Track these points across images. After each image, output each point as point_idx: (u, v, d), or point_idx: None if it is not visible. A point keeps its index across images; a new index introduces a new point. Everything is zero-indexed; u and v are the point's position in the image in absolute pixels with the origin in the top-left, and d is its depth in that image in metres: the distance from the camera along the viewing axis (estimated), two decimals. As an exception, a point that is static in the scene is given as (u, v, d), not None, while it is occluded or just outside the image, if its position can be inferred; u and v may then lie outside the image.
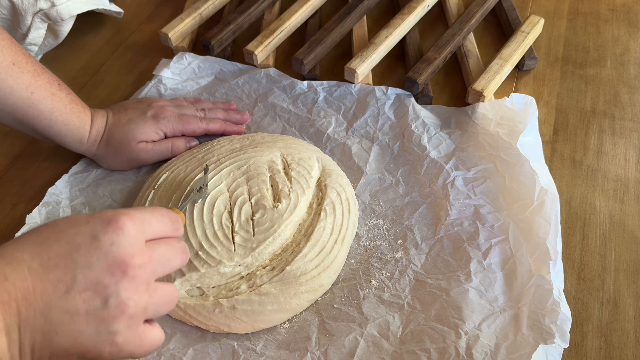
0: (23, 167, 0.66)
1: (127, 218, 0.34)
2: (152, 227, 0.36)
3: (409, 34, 0.76)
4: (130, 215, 0.35)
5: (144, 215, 0.36)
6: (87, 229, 0.33)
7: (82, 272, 0.32)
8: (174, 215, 0.39)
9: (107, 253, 0.33)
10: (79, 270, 0.32)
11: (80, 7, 0.77)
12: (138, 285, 0.34)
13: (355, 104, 0.69)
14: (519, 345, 0.47)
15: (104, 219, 0.34)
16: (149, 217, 0.36)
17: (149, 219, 0.36)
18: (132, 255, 0.34)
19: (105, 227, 0.33)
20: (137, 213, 0.35)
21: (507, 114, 0.63)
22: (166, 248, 0.37)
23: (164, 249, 0.36)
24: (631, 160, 0.63)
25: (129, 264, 0.33)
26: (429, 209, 0.58)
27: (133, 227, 0.34)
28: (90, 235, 0.33)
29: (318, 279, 0.52)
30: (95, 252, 0.33)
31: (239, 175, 0.57)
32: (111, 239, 0.33)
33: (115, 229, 0.33)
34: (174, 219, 0.38)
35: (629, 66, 0.73)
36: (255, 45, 0.73)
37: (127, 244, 0.34)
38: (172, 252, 0.37)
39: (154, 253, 0.35)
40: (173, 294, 0.37)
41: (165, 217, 0.38)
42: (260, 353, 0.49)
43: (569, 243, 0.56)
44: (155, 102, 0.65)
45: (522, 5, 0.83)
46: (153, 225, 0.36)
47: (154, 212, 0.37)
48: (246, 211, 0.54)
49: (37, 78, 0.56)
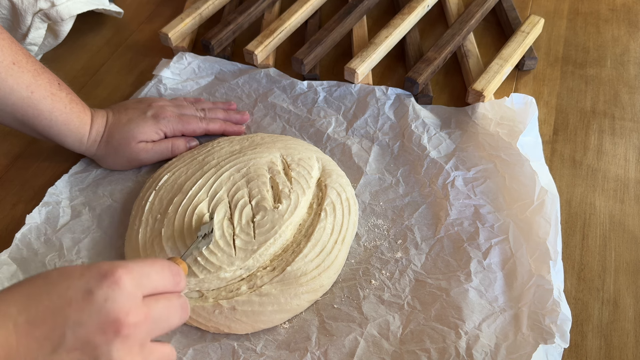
0: (23, 167, 0.66)
1: (124, 271, 0.32)
2: (151, 282, 0.34)
3: (409, 34, 0.76)
4: (128, 269, 0.33)
5: (142, 268, 0.34)
6: (81, 282, 0.31)
7: (71, 330, 0.30)
8: (175, 268, 0.36)
9: (100, 309, 0.31)
10: (69, 327, 0.30)
11: (80, 7, 0.77)
12: (132, 345, 0.32)
13: (355, 104, 0.69)
14: (519, 345, 0.47)
15: (100, 272, 0.32)
16: (148, 270, 0.34)
17: (147, 273, 0.34)
18: (127, 312, 0.31)
19: (100, 281, 0.31)
20: (135, 266, 0.33)
21: (507, 114, 0.63)
22: (165, 305, 0.34)
23: (162, 306, 0.34)
24: (631, 160, 0.63)
25: (123, 323, 0.31)
26: (429, 209, 0.58)
27: (130, 282, 0.32)
28: (83, 290, 0.31)
29: (318, 279, 0.52)
30: (87, 307, 0.31)
31: (239, 178, 0.57)
32: (106, 294, 0.31)
33: (111, 283, 0.31)
34: (175, 272, 0.36)
35: (629, 66, 0.73)
36: (255, 45, 0.73)
37: (123, 300, 0.31)
38: (171, 309, 0.35)
39: (151, 311, 0.33)
40: (170, 356, 0.35)
41: (166, 271, 0.36)
42: (260, 353, 0.49)
43: (569, 243, 0.56)
44: (155, 102, 0.65)
45: (522, 5, 0.83)
46: (152, 279, 0.34)
47: (154, 265, 0.35)
48: (247, 214, 0.54)
49: (37, 78, 0.56)
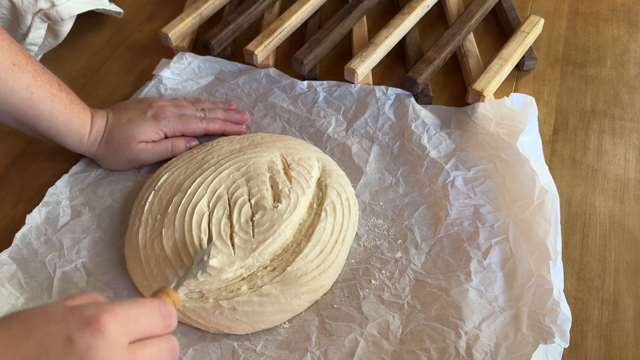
0: (23, 167, 0.66)
1: (110, 317, 0.30)
2: (139, 327, 0.32)
3: (409, 34, 0.76)
4: (114, 314, 0.30)
5: (130, 312, 0.32)
6: (62, 328, 0.29)
7: None
8: (165, 310, 0.34)
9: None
10: None
11: (80, 7, 0.77)
12: None
13: (355, 104, 0.69)
14: (519, 345, 0.47)
15: (83, 318, 0.30)
16: (136, 314, 0.32)
17: (135, 317, 0.32)
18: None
19: (83, 329, 0.29)
20: (122, 310, 0.31)
21: (507, 114, 0.63)
22: (152, 352, 0.32)
23: (149, 353, 0.32)
24: (631, 160, 0.63)
25: None
26: (429, 208, 0.58)
27: (115, 329, 0.30)
28: (64, 337, 0.29)
29: (319, 279, 0.52)
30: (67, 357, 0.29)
31: (238, 177, 0.57)
32: (88, 342, 0.29)
33: (94, 330, 0.29)
34: (165, 315, 0.34)
35: (629, 66, 0.73)
36: (255, 45, 0.73)
37: (107, 350, 0.29)
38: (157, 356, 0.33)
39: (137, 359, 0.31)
40: None
41: (156, 313, 0.34)
42: (260, 353, 0.49)
43: (569, 243, 0.56)
44: (155, 102, 0.65)
45: (522, 5, 0.83)
46: (140, 323, 0.32)
47: (142, 308, 0.33)
48: (246, 212, 0.54)
49: (37, 78, 0.56)
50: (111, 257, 0.56)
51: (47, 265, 0.55)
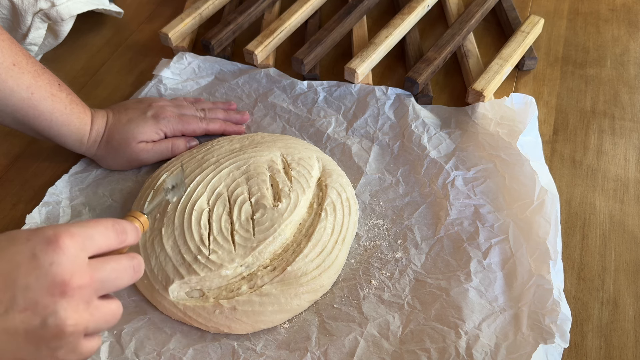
0: (23, 167, 0.66)
1: (67, 236, 0.34)
2: (95, 243, 0.35)
3: (409, 34, 0.76)
4: (71, 233, 0.34)
5: (86, 231, 0.35)
6: (27, 247, 0.33)
7: (21, 292, 0.32)
8: (119, 227, 0.37)
9: (46, 273, 0.33)
10: (18, 290, 0.32)
11: (80, 7, 0.77)
12: (77, 304, 0.34)
13: (355, 104, 0.69)
14: (519, 345, 0.47)
15: (45, 238, 0.33)
16: (91, 232, 0.35)
17: (91, 235, 0.35)
18: (71, 275, 0.33)
19: (45, 247, 0.33)
20: (78, 229, 0.35)
21: (507, 114, 0.63)
22: (112, 267, 0.36)
23: (109, 268, 0.36)
24: (631, 160, 0.63)
25: (68, 284, 0.33)
26: (429, 208, 0.58)
27: (73, 246, 0.34)
28: (30, 254, 0.33)
29: (319, 279, 0.52)
30: (34, 272, 0.32)
31: (238, 175, 0.58)
32: (51, 258, 0.33)
33: (55, 248, 0.33)
34: (119, 231, 0.37)
35: (629, 66, 0.73)
36: (255, 45, 0.73)
37: (67, 264, 0.33)
38: (119, 271, 0.36)
39: (96, 272, 0.35)
40: (115, 311, 0.37)
41: (110, 231, 0.37)
42: (260, 353, 0.49)
43: (569, 243, 0.56)
44: (155, 102, 0.65)
45: (522, 5, 0.83)
46: (96, 240, 0.36)
47: (97, 227, 0.36)
48: (246, 210, 0.54)
49: (37, 79, 0.56)
50: (111, 257, 0.56)
51: (47, 265, 0.55)
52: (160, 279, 0.51)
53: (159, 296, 0.51)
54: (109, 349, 0.49)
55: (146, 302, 0.53)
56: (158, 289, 0.51)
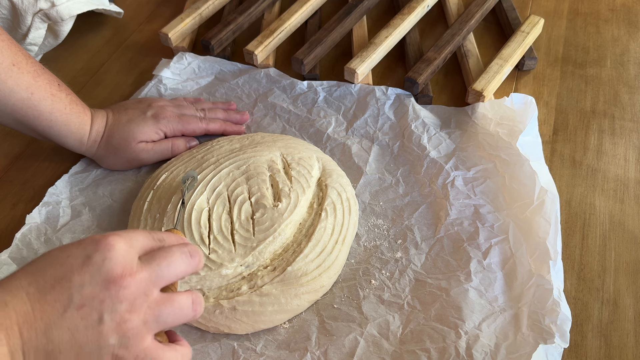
0: (23, 167, 0.66)
1: (115, 236, 0.35)
2: (139, 243, 0.37)
3: (409, 34, 0.76)
4: (118, 234, 0.36)
5: (128, 234, 0.37)
6: (79, 250, 0.34)
7: (77, 290, 0.33)
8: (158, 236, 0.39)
9: (100, 269, 0.34)
10: (74, 288, 0.33)
11: (80, 7, 0.77)
12: (135, 297, 0.34)
13: (355, 104, 0.69)
14: (519, 345, 0.47)
15: (94, 239, 0.35)
16: (134, 234, 0.37)
17: (134, 236, 0.37)
18: (123, 267, 0.34)
19: (96, 246, 0.34)
20: (123, 233, 0.37)
21: (507, 114, 0.63)
22: (163, 256, 0.37)
23: (160, 256, 0.37)
24: (631, 160, 0.63)
25: (123, 277, 0.34)
26: (429, 208, 0.58)
27: (123, 243, 0.35)
28: (82, 256, 0.34)
29: (319, 279, 0.52)
30: (88, 269, 0.34)
31: (238, 175, 0.57)
32: (103, 255, 0.34)
33: (105, 245, 0.34)
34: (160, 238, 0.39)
35: (629, 66, 0.73)
36: (255, 45, 0.73)
37: (120, 258, 0.34)
38: (171, 258, 0.37)
39: (149, 264, 0.36)
40: (183, 304, 0.37)
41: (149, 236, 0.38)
42: (260, 353, 0.49)
43: (569, 243, 0.56)
44: (155, 102, 0.65)
45: (522, 5, 0.83)
46: (139, 240, 0.37)
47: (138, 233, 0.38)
48: (246, 210, 0.54)
49: (37, 79, 0.56)
50: (111, 257, 0.56)
51: (47, 265, 0.55)
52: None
53: None
54: (109, 349, 0.49)
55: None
56: None
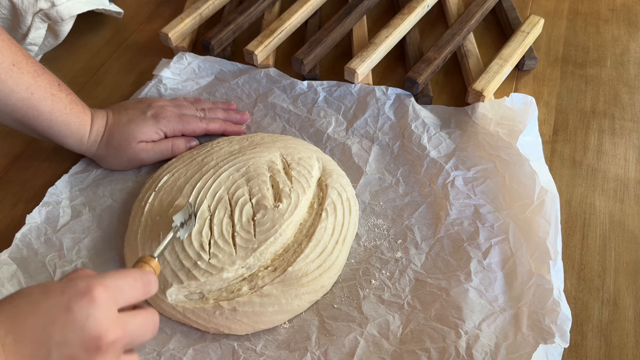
0: (23, 167, 0.66)
1: (102, 289, 0.34)
2: (125, 295, 0.36)
3: (409, 34, 0.76)
4: (104, 286, 0.35)
5: (117, 282, 0.36)
6: (62, 300, 0.33)
7: (57, 348, 0.32)
8: (146, 279, 0.38)
9: (82, 327, 0.33)
10: (54, 345, 0.32)
11: (80, 7, 0.77)
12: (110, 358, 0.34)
13: (355, 104, 0.69)
14: (519, 345, 0.47)
15: (79, 290, 0.34)
16: (122, 284, 0.36)
17: (121, 287, 0.36)
18: (107, 329, 0.34)
19: (79, 299, 0.33)
20: (111, 281, 0.35)
21: (507, 114, 0.63)
22: (140, 322, 0.37)
23: (138, 322, 0.36)
24: (631, 160, 0.63)
25: (104, 339, 0.33)
26: (429, 208, 0.58)
27: (107, 298, 0.34)
28: (65, 308, 0.33)
29: (319, 279, 0.52)
30: (70, 326, 0.33)
31: (238, 177, 0.57)
32: (86, 312, 0.33)
33: (90, 300, 0.33)
34: (146, 282, 0.38)
35: (629, 66, 0.73)
36: (255, 45, 0.73)
37: (102, 317, 0.34)
38: (146, 326, 0.37)
39: (127, 326, 0.35)
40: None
41: (138, 282, 0.38)
42: (260, 353, 0.49)
43: (569, 243, 0.56)
44: (155, 102, 0.65)
45: (522, 5, 0.83)
46: (126, 292, 0.36)
47: (126, 278, 0.37)
48: (247, 211, 0.54)
49: (37, 79, 0.56)
50: (111, 257, 0.56)
51: (47, 265, 0.55)
52: (157, 284, 0.51)
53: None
54: (109, 349, 0.49)
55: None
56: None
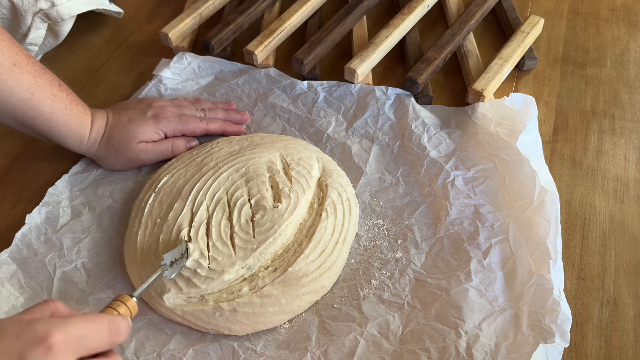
0: (23, 167, 0.66)
1: (60, 337, 0.32)
2: (87, 345, 0.34)
3: (409, 34, 0.76)
4: (65, 333, 0.33)
5: (79, 330, 0.34)
6: (16, 345, 0.31)
7: None
8: (114, 327, 0.36)
9: None
10: None
11: (80, 7, 0.77)
12: None
13: (355, 104, 0.69)
14: (519, 344, 0.47)
15: (36, 336, 0.32)
16: (85, 332, 0.34)
17: (84, 335, 0.34)
18: None
19: (34, 347, 0.31)
20: (72, 329, 0.33)
21: (507, 114, 0.63)
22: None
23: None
24: (631, 160, 0.63)
25: None
26: (429, 208, 0.58)
27: (65, 348, 0.32)
28: (17, 355, 0.31)
29: (320, 280, 0.52)
30: None
31: (237, 178, 0.57)
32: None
33: (45, 349, 0.31)
34: (113, 331, 0.36)
35: (629, 66, 0.73)
36: (255, 45, 0.73)
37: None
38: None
39: None
40: None
41: (104, 331, 0.36)
42: (260, 353, 0.49)
43: (569, 243, 0.56)
44: (155, 102, 0.65)
45: (522, 5, 0.83)
46: (89, 342, 0.34)
47: (92, 326, 0.35)
48: (246, 212, 0.54)
49: (37, 79, 0.56)
50: (111, 258, 0.56)
51: (47, 265, 0.55)
52: (155, 286, 0.51)
53: (155, 302, 0.51)
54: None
55: (146, 303, 0.53)
56: (154, 295, 0.51)
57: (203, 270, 0.50)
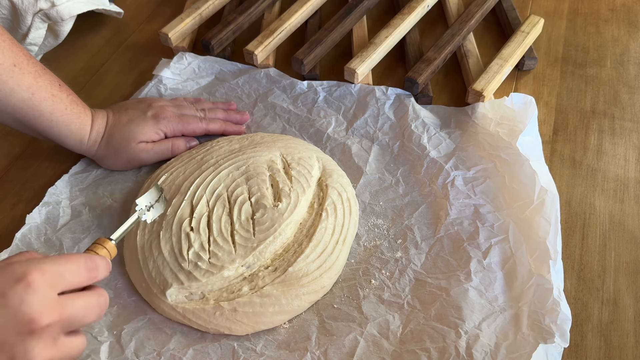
0: (23, 167, 0.66)
1: (38, 274, 0.34)
2: (65, 281, 0.36)
3: (409, 34, 0.76)
4: (42, 271, 0.34)
5: (57, 268, 0.35)
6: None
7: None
8: (92, 264, 0.38)
9: (15, 312, 0.33)
10: None
11: (80, 7, 0.77)
12: (46, 341, 0.34)
13: (355, 104, 0.69)
14: (519, 344, 0.47)
15: (15, 275, 0.33)
16: (62, 269, 0.36)
17: (61, 272, 0.35)
18: (40, 314, 0.33)
19: (14, 285, 0.33)
20: (49, 267, 0.35)
21: (507, 114, 0.63)
22: (81, 305, 0.36)
23: (78, 306, 0.36)
24: (631, 160, 0.63)
25: (37, 323, 0.33)
26: (429, 208, 0.58)
27: (44, 284, 0.34)
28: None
29: (320, 280, 0.52)
30: (3, 310, 0.33)
31: (238, 176, 0.57)
32: (20, 297, 0.33)
33: (25, 286, 0.33)
34: (91, 267, 0.38)
35: (629, 66, 0.73)
36: (255, 45, 0.73)
37: (36, 302, 0.33)
38: (88, 309, 0.37)
39: (65, 310, 0.35)
40: (80, 346, 0.37)
41: (82, 268, 0.37)
42: (260, 353, 0.49)
43: (569, 243, 0.56)
44: (155, 102, 0.65)
45: (522, 5, 0.83)
46: (66, 278, 0.36)
47: (68, 264, 0.36)
48: (246, 210, 0.54)
49: (38, 79, 0.56)
50: (111, 257, 0.56)
51: (47, 265, 0.55)
52: (157, 283, 0.51)
53: (157, 299, 0.51)
54: (109, 349, 0.49)
55: (146, 303, 0.53)
56: (156, 292, 0.51)
57: (203, 263, 0.51)
